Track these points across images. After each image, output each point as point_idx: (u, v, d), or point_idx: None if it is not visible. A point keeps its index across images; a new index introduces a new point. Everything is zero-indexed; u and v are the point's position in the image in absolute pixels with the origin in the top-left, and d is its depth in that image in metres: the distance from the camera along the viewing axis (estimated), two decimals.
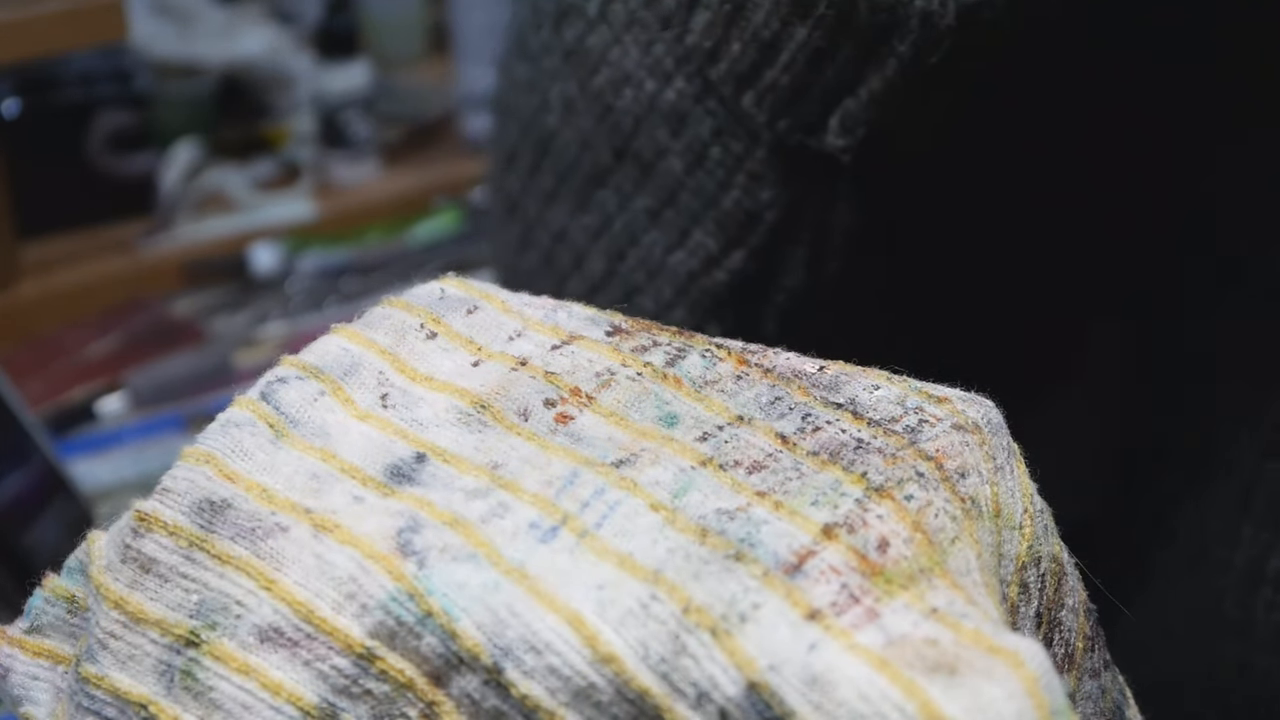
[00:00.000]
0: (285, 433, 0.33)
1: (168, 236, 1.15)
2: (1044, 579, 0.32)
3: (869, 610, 0.27)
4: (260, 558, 0.30)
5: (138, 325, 1.06)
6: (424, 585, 0.29)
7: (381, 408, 0.33)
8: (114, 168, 1.17)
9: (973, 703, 0.26)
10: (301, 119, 1.25)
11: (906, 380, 0.33)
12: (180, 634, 0.30)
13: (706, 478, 0.30)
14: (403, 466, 0.32)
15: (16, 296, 1.08)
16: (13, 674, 0.32)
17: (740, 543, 0.29)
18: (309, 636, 0.29)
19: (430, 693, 0.29)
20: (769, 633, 0.27)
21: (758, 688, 0.27)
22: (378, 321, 0.35)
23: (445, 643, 0.28)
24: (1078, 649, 0.33)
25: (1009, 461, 0.32)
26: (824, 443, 0.31)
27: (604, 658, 0.28)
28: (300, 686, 0.29)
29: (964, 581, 0.29)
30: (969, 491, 0.30)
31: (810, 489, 0.30)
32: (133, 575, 0.31)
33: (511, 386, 0.33)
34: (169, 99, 1.20)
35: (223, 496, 0.31)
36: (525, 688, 0.28)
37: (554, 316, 0.35)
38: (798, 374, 0.33)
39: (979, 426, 0.32)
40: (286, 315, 1.07)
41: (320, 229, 1.17)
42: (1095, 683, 0.34)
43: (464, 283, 0.37)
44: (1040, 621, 0.33)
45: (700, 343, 0.34)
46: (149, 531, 0.31)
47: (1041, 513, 0.33)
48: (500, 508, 0.30)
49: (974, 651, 0.27)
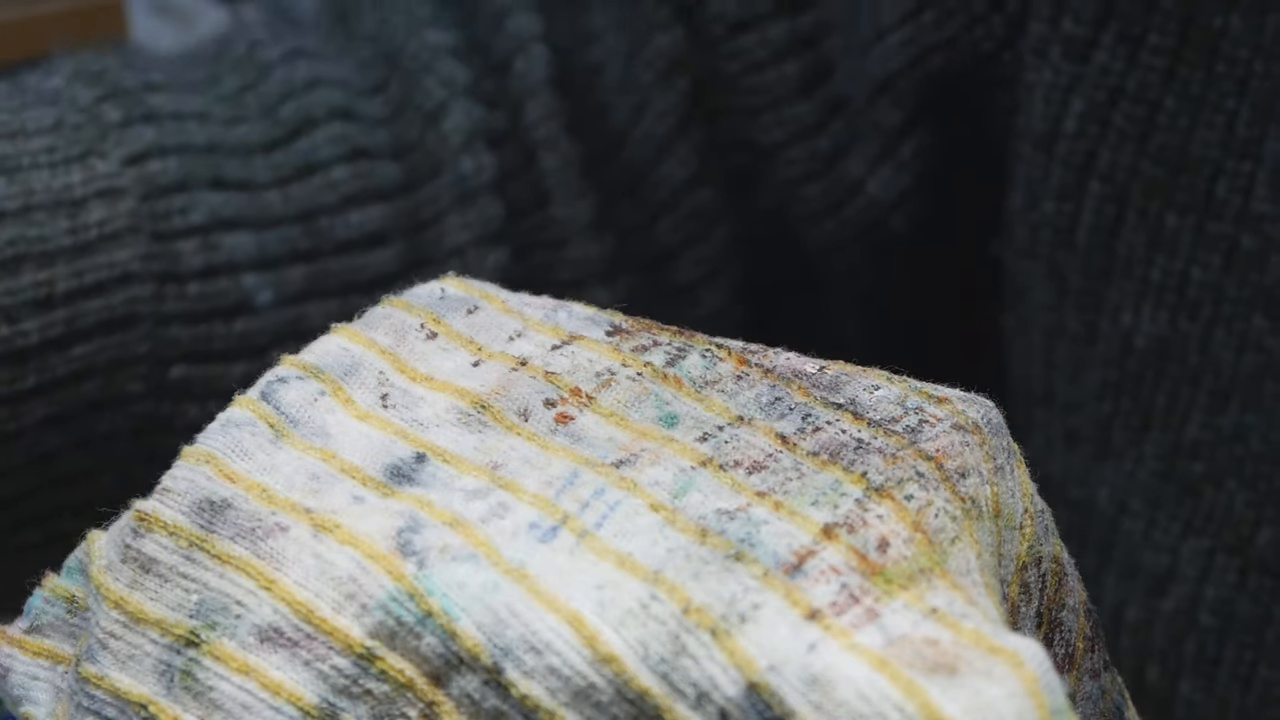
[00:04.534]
0: (285, 433, 0.33)
1: None
2: (1044, 579, 0.32)
3: (869, 610, 0.27)
4: (260, 558, 0.30)
5: None
6: (424, 585, 0.29)
7: (382, 408, 0.33)
8: None
9: (973, 703, 0.26)
10: None
11: (906, 380, 0.33)
12: (180, 634, 0.30)
13: (707, 478, 0.30)
14: (403, 467, 0.32)
15: None
16: (12, 674, 0.32)
17: (740, 543, 0.29)
18: (309, 636, 0.29)
19: (430, 693, 0.29)
20: (769, 633, 0.27)
21: (758, 688, 0.27)
22: (378, 321, 0.35)
23: (445, 643, 0.28)
24: (1078, 649, 0.33)
25: (1009, 462, 0.32)
26: (824, 443, 0.31)
27: (604, 658, 0.28)
28: (300, 686, 0.29)
29: (964, 582, 0.29)
30: (969, 491, 0.30)
31: (810, 489, 0.30)
32: (133, 575, 0.31)
33: (512, 387, 0.33)
34: None
35: (223, 496, 0.31)
36: (525, 688, 0.28)
37: (554, 316, 0.35)
38: (798, 374, 0.33)
39: (979, 427, 0.32)
40: None
41: None
42: (1095, 683, 0.34)
43: (464, 282, 0.37)
44: (1040, 621, 0.33)
45: (700, 342, 0.34)
46: (149, 531, 0.31)
47: (1042, 513, 0.33)
48: (500, 508, 0.30)
49: (974, 651, 0.27)
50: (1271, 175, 0.47)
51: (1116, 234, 0.50)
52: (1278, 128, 0.47)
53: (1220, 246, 0.48)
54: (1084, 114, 0.50)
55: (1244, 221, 0.48)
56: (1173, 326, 0.49)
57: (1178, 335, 0.49)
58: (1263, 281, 0.48)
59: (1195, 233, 0.49)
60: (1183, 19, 0.48)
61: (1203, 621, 0.50)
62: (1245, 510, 0.49)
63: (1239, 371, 0.48)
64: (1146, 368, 0.50)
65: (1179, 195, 0.49)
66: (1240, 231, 0.48)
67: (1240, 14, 0.47)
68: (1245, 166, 0.48)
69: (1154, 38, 0.48)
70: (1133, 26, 0.49)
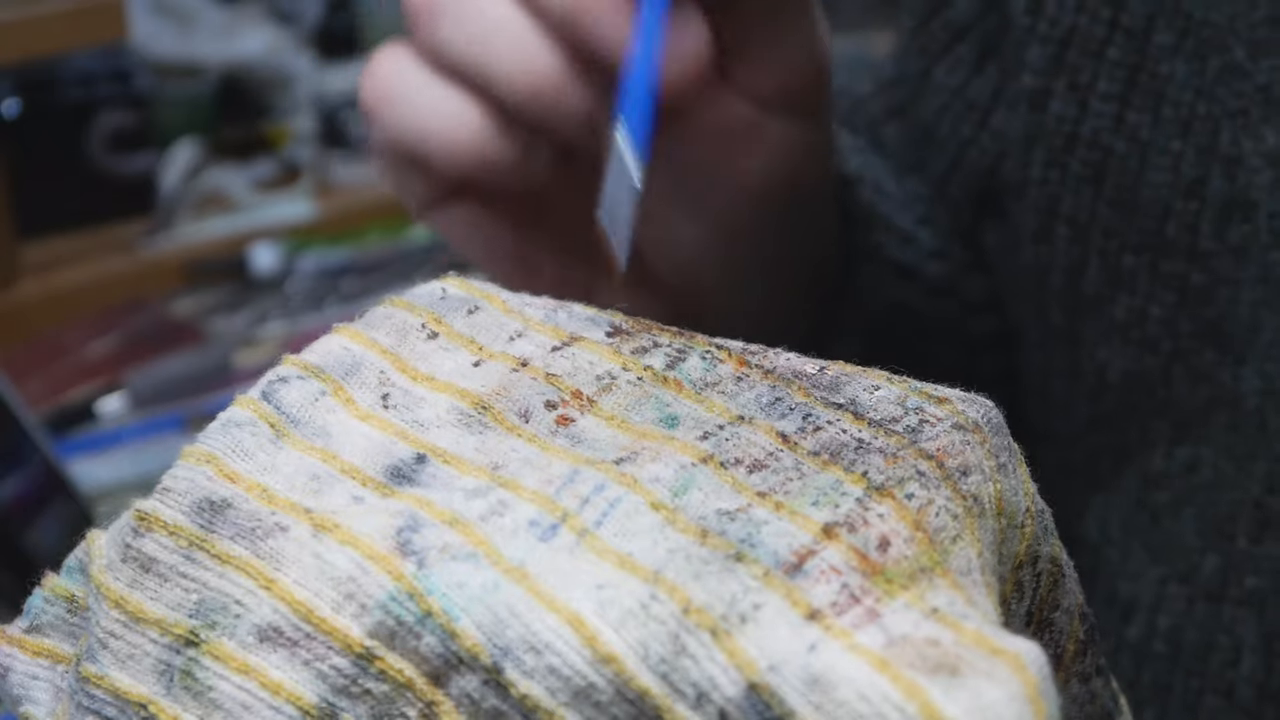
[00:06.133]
0: (286, 433, 0.33)
1: (168, 236, 1.15)
2: (1039, 579, 0.32)
3: (869, 610, 0.27)
4: (260, 557, 0.30)
5: (138, 325, 1.06)
6: (423, 584, 0.29)
7: (382, 408, 0.33)
8: (114, 167, 1.17)
9: (973, 704, 0.26)
10: (301, 119, 1.25)
11: (906, 381, 0.33)
12: (180, 633, 0.30)
13: (707, 475, 0.30)
14: (403, 467, 0.32)
15: (16, 296, 1.08)
16: (12, 673, 0.32)
17: (741, 543, 0.29)
18: (308, 636, 0.29)
19: (429, 692, 0.29)
20: (769, 633, 0.27)
21: (758, 688, 0.27)
22: (379, 321, 0.35)
23: (445, 642, 0.28)
24: (1068, 651, 0.33)
25: (1011, 460, 0.32)
26: (825, 443, 0.31)
27: (604, 658, 0.28)
28: (299, 686, 0.29)
29: (965, 581, 0.29)
30: (971, 489, 0.30)
31: (811, 489, 0.30)
32: (133, 575, 0.31)
33: (513, 388, 0.33)
34: (169, 99, 1.20)
35: (223, 496, 0.31)
36: (525, 687, 0.28)
37: (554, 317, 0.35)
38: (798, 375, 0.33)
39: (980, 426, 0.32)
40: (286, 315, 1.07)
41: (320, 229, 1.17)
42: (1084, 687, 0.34)
43: (465, 282, 0.37)
44: (1030, 620, 0.33)
45: (701, 344, 0.34)
46: (149, 531, 0.31)
47: (1042, 513, 0.33)
48: (500, 506, 0.30)
49: (975, 652, 0.27)
50: (1216, 213, 0.49)
51: (1082, 274, 0.52)
52: (1219, 167, 0.48)
53: (1173, 284, 0.50)
54: (1047, 161, 0.52)
55: (1193, 259, 0.49)
56: (1139, 362, 0.51)
57: (1144, 370, 0.51)
58: (1211, 316, 0.49)
59: (1150, 271, 0.50)
60: (1130, 67, 0.49)
61: (1156, 649, 0.51)
62: (1194, 539, 0.50)
63: (1194, 404, 0.50)
64: (1121, 402, 0.52)
65: (1133, 236, 0.50)
66: (1190, 269, 0.49)
67: (1184, 59, 0.48)
68: (1192, 206, 0.49)
69: (1103, 85, 0.50)
70: (1082, 75, 0.50)
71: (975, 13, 0.54)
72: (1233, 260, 0.48)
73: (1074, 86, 0.50)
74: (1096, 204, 0.51)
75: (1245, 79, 0.47)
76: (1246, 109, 0.47)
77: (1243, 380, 0.48)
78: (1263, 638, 0.48)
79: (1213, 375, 0.49)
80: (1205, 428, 0.49)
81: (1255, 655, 0.48)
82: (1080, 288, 0.52)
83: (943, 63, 0.55)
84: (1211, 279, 0.49)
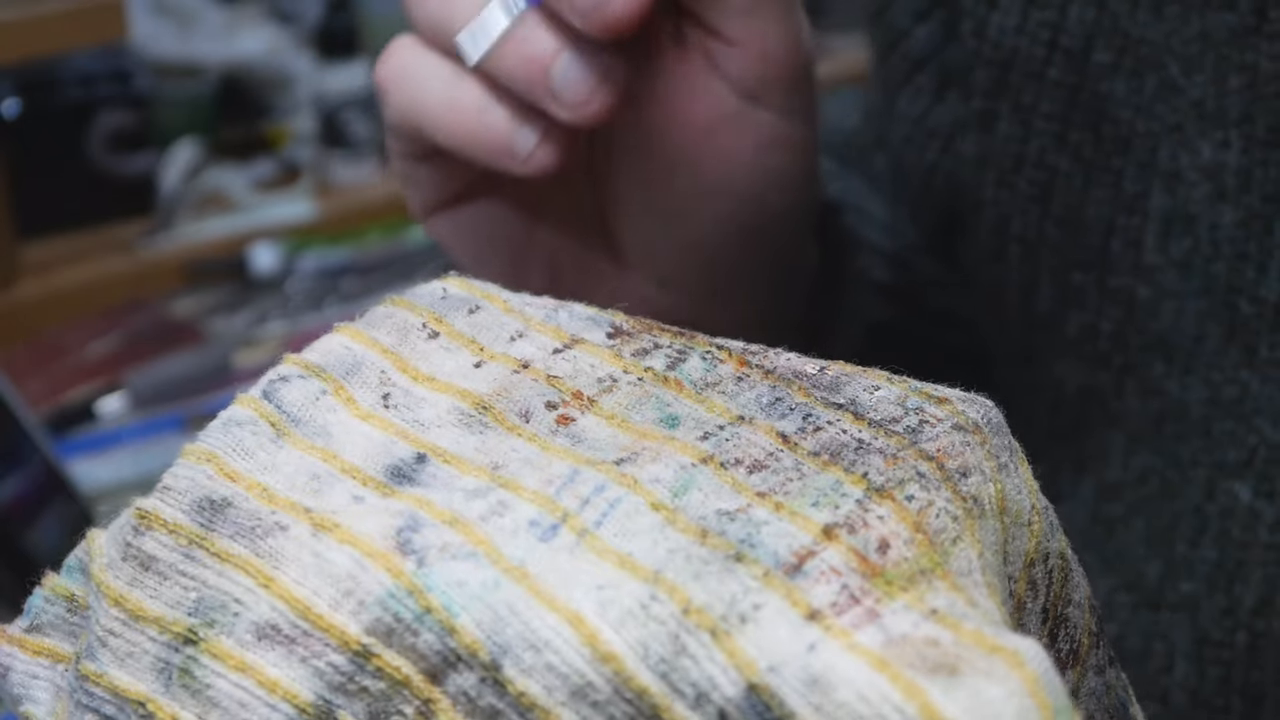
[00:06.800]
0: (287, 432, 0.33)
1: (168, 236, 1.15)
2: (1050, 575, 0.32)
3: (869, 611, 0.27)
4: (259, 556, 0.30)
5: (138, 325, 1.06)
6: (423, 582, 0.29)
7: (383, 408, 0.33)
8: (114, 168, 1.17)
9: (973, 703, 0.26)
10: (301, 119, 1.26)
11: (906, 381, 0.33)
12: (179, 631, 0.30)
13: (708, 475, 0.30)
14: (403, 467, 0.32)
15: (16, 296, 1.08)
16: (12, 673, 0.33)
17: (740, 543, 0.29)
18: (306, 634, 0.29)
19: (426, 690, 0.29)
20: (769, 633, 0.27)
21: (757, 689, 0.27)
22: (380, 321, 0.35)
23: (443, 639, 0.28)
24: (1083, 644, 0.33)
25: (1012, 459, 0.32)
26: (825, 443, 0.31)
27: (603, 657, 0.28)
28: (296, 684, 0.29)
29: (965, 582, 0.29)
30: (971, 490, 0.30)
31: (811, 489, 0.30)
32: (132, 573, 0.31)
33: (513, 389, 0.33)
34: (169, 99, 1.20)
35: (223, 495, 0.31)
36: (523, 685, 0.28)
37: (555, 317, 0.35)
38: (798, 375, 0.33)
39: (979, 426, 0.32)
40: (286, 315, 1.07)
41: (320, 229, 1.17)
42: (1100, 679, 0.34)
43: (466, 282, 0.37)
44: (1046, 617, 0.33)
45: (701, 344, 0.34)
46: (149, 529, 0.31)
47: (1047, 509, 0.33)
48: (500, 506, 0.30)
49: (974, 651, 0.27)
50: (1158, 228, 0.49)
51: (1035, 292, 0.52)
52: (1160, 182, 0.49)
53: (1121, 299, 0.50)
54: (997, 182, 0.52)
55: (1139, 273, 0.49)
56: (1093, 377, 0.51)
57: (1097, 384, 0.51)
58: (1159, 329, 0.49)
59: (1099, 287, 0.50)
60: (1071, 87, 0.50)
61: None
62: (1141, 547, 0.50)
63: (1146, 415, 0.50)
64: (1078, 415, 0.52)
65: (1081, 253, 0.51)
66: (1136, 283, 0.50)
67: (1122, 77, 0.49)
68: (1135, 221, 0.49)
69: (1045, 105, 0.50)
70: (1025, 96, 0.51)
71: (934, 44, 0.54)
72: (1176, 273, 0.48)
73: (1018, 108, 0.51)
74: (1044, 223, 0.51)
75: (1180, 95, 0.48)
76: (1182, 124, 0.48)
77: (1189, 390, 0.48)
78: (1194, 643, 0.48)
79: (1163, 387, 0.49)
80: (1157, 438, 0.50)
81: (1187, 661, 0.48)
82: (1034, 305, 0.52)
83: (904, 93, 0.55)
84: (1157, 292, 0.49)
